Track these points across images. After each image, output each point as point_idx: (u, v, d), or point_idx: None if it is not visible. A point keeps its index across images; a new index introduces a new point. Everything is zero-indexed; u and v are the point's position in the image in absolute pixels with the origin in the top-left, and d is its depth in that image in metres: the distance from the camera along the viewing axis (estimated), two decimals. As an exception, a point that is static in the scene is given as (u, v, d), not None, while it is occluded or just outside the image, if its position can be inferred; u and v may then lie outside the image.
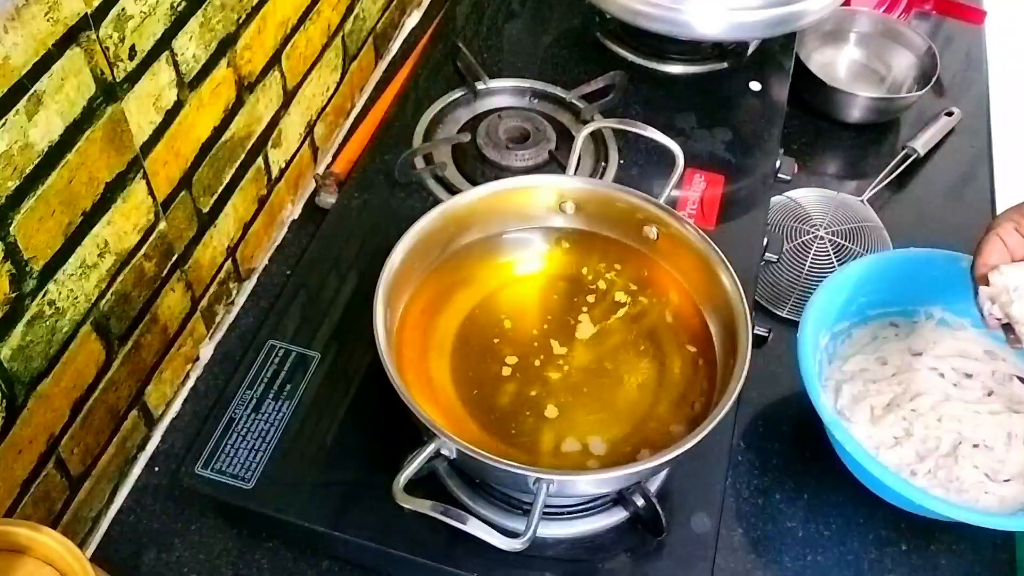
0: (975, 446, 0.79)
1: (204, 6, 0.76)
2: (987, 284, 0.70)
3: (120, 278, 0.74)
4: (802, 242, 0.98)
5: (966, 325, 0.86)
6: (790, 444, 0.84)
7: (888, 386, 0.83)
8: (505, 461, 0.61)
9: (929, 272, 0.85)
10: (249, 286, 0.96)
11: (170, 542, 0.76)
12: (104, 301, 0.73)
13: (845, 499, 0.80)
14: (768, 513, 0.80)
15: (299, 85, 0.96)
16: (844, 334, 0.86)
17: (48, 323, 0.67)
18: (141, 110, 0.71)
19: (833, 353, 0.85)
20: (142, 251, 0.76)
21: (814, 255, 0.96)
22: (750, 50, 1.09)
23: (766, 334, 0.78)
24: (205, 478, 0.71)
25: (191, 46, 0.75)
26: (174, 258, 0.82)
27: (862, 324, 0.87)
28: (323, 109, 1.04)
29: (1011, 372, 0.84)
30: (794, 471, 0.82)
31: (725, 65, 1.09)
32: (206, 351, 0.91)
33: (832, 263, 0.96)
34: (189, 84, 0.77)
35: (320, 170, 1.05)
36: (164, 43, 0.72)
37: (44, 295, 0.65)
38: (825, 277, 0.82)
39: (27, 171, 0.60)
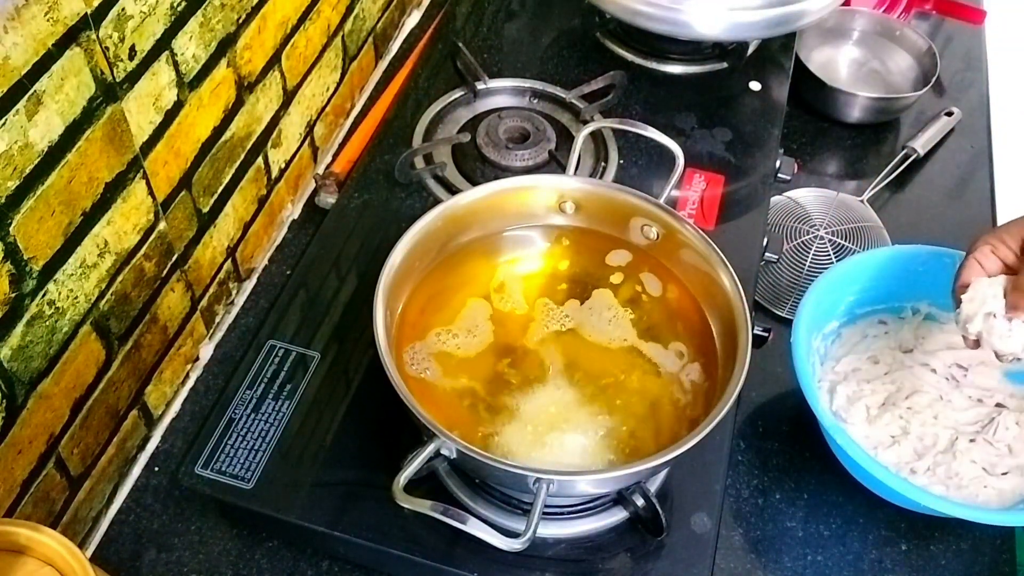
0: (971, 441, 0.79)
1: (204, 6, 0.76)
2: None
3: (120, 278, 0.74)
4: (802, 242, 0.98)
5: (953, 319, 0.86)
6: (789, 444, 0.84)
7: (882, 385, 0.83)
8: (505, 461, 0.61)
9: (915, 268, 0.85)
10: (249, 286, 0.96)
11: (170, 542, 0.76)
12: (104, 301, 0.73)
13: (845, 499, 0.80)
14: (768, 513, 0.80)
15: (299, 85, 0.96)
16: (834, 334, 0.86)
17: (48, 323, 0.67)
18: (141, 110, 0.71)
19: (824, 354, 0.85)
20: (142, 251, 0.76)
21: (814, 255, 0.96)
22: (750, 50, 1.09)
23: (766, 334, 0.78)
24: (205, 478, 0.71)
25: (191, 46, 0.75)
26: (174, 258, 0.82)
27: (851, 324, 0.87)
28: (323, 109, 1.04)
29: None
30: (794, 471, 0.82)
31: (725, 65, 1.09)
32: (206, 351, 0.91)
33: (832, 263, 0.96)
34: (189, 84, 0.77)
35: (320, 170, 1.05)
36: (164, 43, 0.72)
37: (44, 295, 0.65)
38: (825, 277, 0.83)
39: (27, 171, 0.60)
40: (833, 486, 0.81)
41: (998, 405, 0.82)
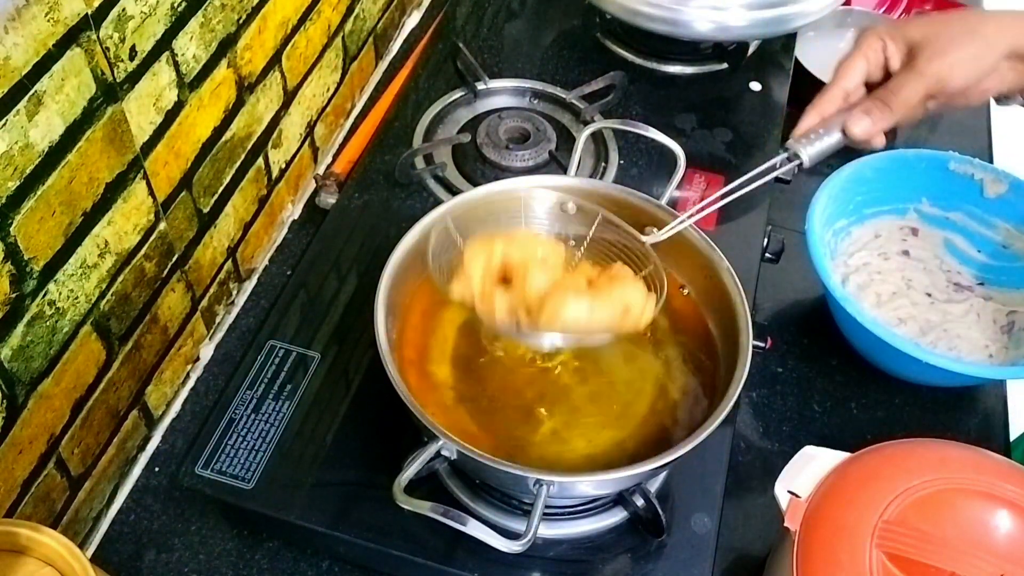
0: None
1: (204, 6, 0.76)
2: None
3: (120, 278, 0.74)
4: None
5: (954, 220, 0.95)
6: (790, 444, 0.84)
7: (891, 276, 0.93)
8: (506, 462, 0.61)
9: (918, 168, 0.93)
10: (249, 286, 0.96)
11: (170, 542, 0.76)
12: (104, 301, 0.73)
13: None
14: (768, 513, 0.79)
15: (299, 85, 0.96)
16: (844, 232, 0.94)
17: (48, 323, 0.67)
18: (141, 110, 0.71)
19: (835, 250, 0.92)
20: (142, 251, 0.76)
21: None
22: (750, 50, 1.09)
23: (764, 345, 0.78)
24: (205, 478, 0.71)
25: (191, 46, 0.75)
26: (174, 258, 0.82)
27: (859, 223, 0.95)
28: (323, 109, 1.04)
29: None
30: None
31: (725, 65, 1.09)
32: (206, 351, 0.91)
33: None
34: (189, 84, 0.77)
35: (320, 170, 1.05)
36: (164, 43, 0.72)
37: (44, 295, 0.65)
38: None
39: (27, 171, 0.60)
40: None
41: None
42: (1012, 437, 0.88)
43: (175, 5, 0.72)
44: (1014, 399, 0.91)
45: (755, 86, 1.07)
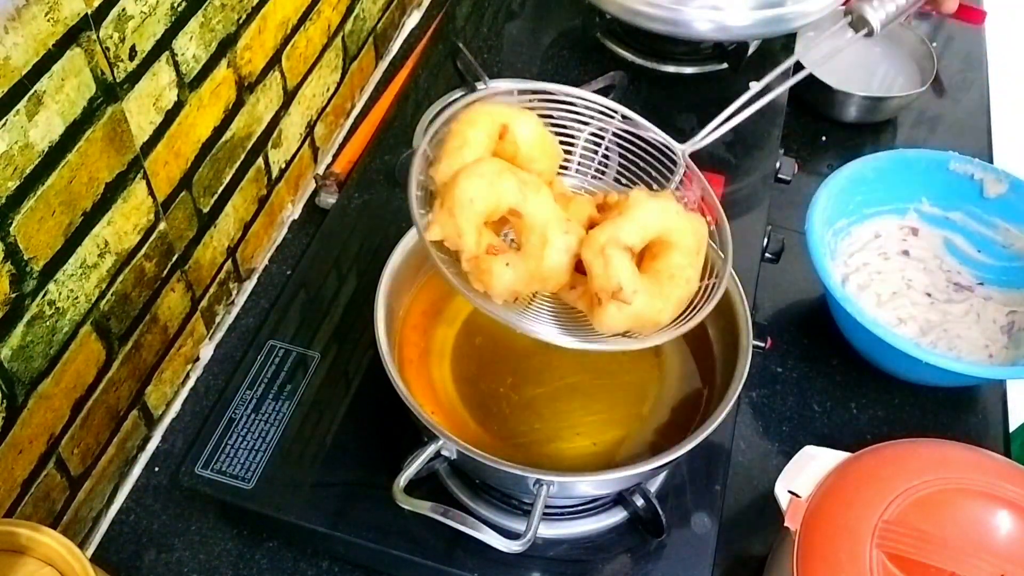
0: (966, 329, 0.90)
1: (204, 6, 0.76)
2: None
3: (120, 278, 0.74)
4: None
5: (954, 220, 0.95)
6: (789, 443, 0.84)
7: (891, 276, 0.93)
8: (505, 462, 0.61)
9: (918, 168, 0.94)
10: (249, 286, 0.96)
11: (170, 542, 0.76)
12: (104, 301, 0.73)
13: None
14: (768, 513, 0.79)
15: (299, 85, 0.96)
16: (844, 232, 0.94)
17: (48, 323, 0.67)
18: (141, 110, 0.71)
19: (835, 250, 0.93)
20: (142, 251, 0.76)
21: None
22: (750, 50, 1.09)
23: (764, 345, 0.78)
24: (205, 478, 0.71)
25: (191, 46, 0.75)
26: (174, 258, 0.82)
27: (859, 223, 0.95)
28: (323, 109, 1.04)
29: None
30: (794, 471, 0.82)
31: (725, 65, 1.09)
32: (206, 351, 0.91)
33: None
34: (189, 84, 0.77)
35: (320, 170, 1.05)
36: (164, 43, 0.72)
37: (44, 295, 0.65)
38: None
39: (27, 171, 0.60)
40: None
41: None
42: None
43: (175, 5, 0.72)
44: (1014, 399, 0.91)
45: (755, 86, 1.07)
